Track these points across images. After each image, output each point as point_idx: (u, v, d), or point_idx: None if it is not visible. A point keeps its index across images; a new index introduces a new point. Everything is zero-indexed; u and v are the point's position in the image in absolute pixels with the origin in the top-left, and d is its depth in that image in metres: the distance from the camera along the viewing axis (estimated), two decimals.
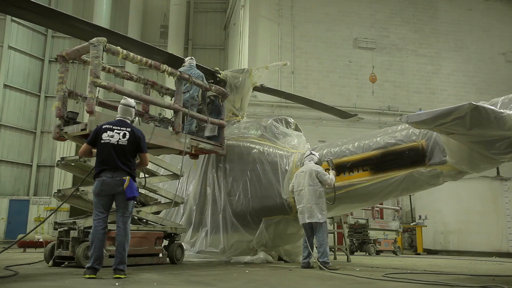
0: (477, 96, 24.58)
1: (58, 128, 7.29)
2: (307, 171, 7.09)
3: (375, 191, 7.16)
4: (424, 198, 20.11)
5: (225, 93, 9.46)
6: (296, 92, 22.47)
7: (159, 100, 8.21)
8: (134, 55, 7.30)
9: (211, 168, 9.50)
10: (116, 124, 5.32)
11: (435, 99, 24.09)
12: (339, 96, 22.96)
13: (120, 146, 5.17)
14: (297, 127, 9.89)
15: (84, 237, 6.39)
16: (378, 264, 9.08)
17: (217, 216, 9.08)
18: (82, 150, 5.34)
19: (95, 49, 6.71)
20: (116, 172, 5.10)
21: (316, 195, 6.93)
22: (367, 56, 23.64)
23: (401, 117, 5.41)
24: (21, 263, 7.22)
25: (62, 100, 7.34)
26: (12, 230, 24.73)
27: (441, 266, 9.19)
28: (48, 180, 27.83)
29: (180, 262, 7.76)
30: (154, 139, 7.63)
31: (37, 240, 11.93)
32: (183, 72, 8.28)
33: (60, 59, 7.41)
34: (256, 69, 10.93)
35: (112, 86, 7.01)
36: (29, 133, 28.17)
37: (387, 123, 23.30)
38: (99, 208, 5.10)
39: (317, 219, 6.85)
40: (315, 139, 22.31)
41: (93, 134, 5.31)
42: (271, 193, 8.52)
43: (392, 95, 23.58)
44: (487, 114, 4.79)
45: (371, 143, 7.19)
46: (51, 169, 27.68)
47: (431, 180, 6.47)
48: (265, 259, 8.54)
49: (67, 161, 7.27)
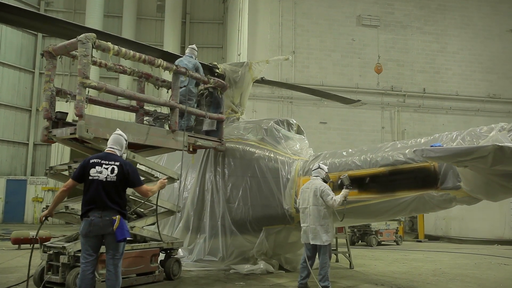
0: (482, 76, 24.03)
1: (46, 130, 6.85)
2: (312, 189, 6.64)
3: (382, 210, 6.79)
4: None
5: (225, 85, 8.98)
6: (297, 72, 21.96)
7: (154, 98, 7.74)
8: (126, 51, 6.79)
9: (209, 171, 9.10)
10: (104, 157, 4.85)
11: (439, 79, 23.51)
12: (341, 76, 22.34)
13: (109, 183, 4.73)
14: (299, 128, 9.44)
15: (74, 262, 6.07)
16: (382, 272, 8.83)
17: (215, 222, 8.75)
18: (66, 185, 4.89)
19: (84, 47, 6.19)
20: (105, 211, 4.68)
21: (320, 215, 6.50)
22: (371, 34, 22.88)
23: (415, 150, 4.97)
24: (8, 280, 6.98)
25: (49, 100, 6.86)
26: (10, 210, 24.63)
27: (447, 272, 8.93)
28: (45, 159, 27.48)
29: (177, 277, 7.46)
30: (150, 140, 7.20)
31: (32, 237, 11.62)
32: (179, 66, 7.76)
33: (46, 55, 6.88)
34: (256, 63, 10.36)
35: (103, 86, 6.54)
36: (24, 111, 27.62)
37: (389, 104, 22.86)
38: (87, 250, 4.71)
39: (321, 241, 6.45)
40: (316, 121, 21.95)
41: (80, 169, 4.85)
42: (272, 203, 8.15)
43: (396, 74, 22.95)
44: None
45: (379, 158, 6.75)
46: (47, 147, 27.28)
47: (442, 204, 6.09)
48: (265, 270, 8.25)
49: (57, 170, 6.87)
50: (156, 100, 7.45)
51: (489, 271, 9.49)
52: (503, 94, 24.12)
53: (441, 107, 23.34)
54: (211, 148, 8.65)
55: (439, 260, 11.08)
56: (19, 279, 7.20)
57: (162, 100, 7.53)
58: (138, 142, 7.02)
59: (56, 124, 6.80)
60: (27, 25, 8.31)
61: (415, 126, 22.99)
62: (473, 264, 10.52)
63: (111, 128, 6.59)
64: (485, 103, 23.79)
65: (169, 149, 7.65)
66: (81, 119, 6.16)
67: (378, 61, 21.59)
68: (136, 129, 7.01)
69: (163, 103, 7.49)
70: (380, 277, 8.12)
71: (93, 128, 6.29)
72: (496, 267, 10.12)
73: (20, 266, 8.65)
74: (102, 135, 6.43)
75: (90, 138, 6.26)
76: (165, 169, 7.67)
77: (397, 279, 7.99)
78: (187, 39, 29.83)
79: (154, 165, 7.56)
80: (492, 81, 24.14)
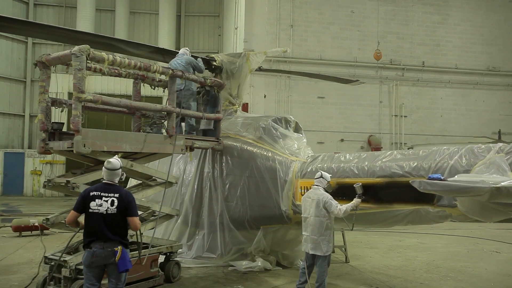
0: (483, 48, 23.75)
1: (43, 142, 6.84)
2: (315, 200, 6.61)
3: (379, 220, 6.87)
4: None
5: (222, 84, 8.89)
6: (295, 46, 21.61)
7: (151, 105, 7.65)
8: (121, 59, 6.67)
9: (207, 168, 9.14)
10: (103, 189, 4.87)
11: (439, 52, 23.26)
12: (339, 49, 22.05)
13: (110, 215, 4.77)
14: (297, 125, 9.38)
15: (76, 275, 6.19)
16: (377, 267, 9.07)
17: (214, 219, 8.86)
18: (69, 219, 4.95)
19: (78, 60, 6.09)
20: (107, 242, 4.76)
21: (322, 227, 6.50)
22: (371, 5, 22.43)
23: (413, 181, 5.00)
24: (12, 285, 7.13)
25: (45, 112, 6.83)
26: (9, 183, 24.83)
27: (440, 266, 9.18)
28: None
29: (177, 279, 7.64)
30: (147, 147, 7.20)
31: (32, 225, 11.81)
32: (175, 70, 7.65)
33: (40, 65, 6.78)
34: (254, 54, 10.21)
35: (98, 99, 6.49)
36: (19, 82, 27.31)
37: (388, 78, 22.69)
38: (91, 280, 4.82)
39: (321, 252, 6.52)
40: (314, 95, 21.84)
41: (80, 201, 4.89)
42: (270, 203, 8.22)
43: (395, 47, 22.67)
44: (509, 192, 4.38)
45: (376, 169, 6.78)
46: None
47: (438, 220, 6.17)
48: (263, 267, 8.45)
49: (55, 183, 6.88)
50: (153, 107, 7.38)
51: (481, 262, 9.74)
52: (503, 66, 23.92)
53: (440, 80, 23.19)
54: (208, 149, 8.65)
55: (432, 247, 11.34)
56: (22, 282, 7.36)
57: (159, 107, 7.46)
58: (135, 151, 7.03)
59: (52, 135, 6.76)
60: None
61: (413, 100, 22.92)
62: (465, 252, 10.78)
63: (108, 140, 6.62)
64: (484, 76, 23.64)
65: (166, 154, 7.65)
66: (77, 134, 6.12)
67: (378, 47, 21.23)
68: (133, 138, 6.98)
69: (160, 109, 7.43)
70: (375, 275, 8.33)
71: (90, 142, 6.27)
72: (488, 257, 10.39)
73: (22, 263, 8.80)
74: (100, 147, 6.44)
75: (88, 152, 6.25)
76: (163, 174, 7.68)
77: (391, 277, 8.20)
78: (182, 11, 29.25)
79: (152, 171, 7.58)
80: (493, 53, 23.89)
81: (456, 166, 5.88)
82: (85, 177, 6.55)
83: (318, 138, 21.05)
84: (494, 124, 23.13)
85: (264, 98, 20.92)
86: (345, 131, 21.97)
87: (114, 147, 6.62)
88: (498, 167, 5.32)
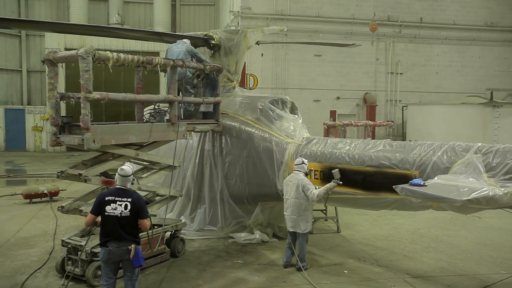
0: (482, 2, 23.52)
1: (55, 136, 7.25)
2: (295, 183, 7.36)
3: (366, 204, 7.46)
4: (417, 118, 20.49)
5: (220, 69, 9.20)
6: (292, 3, 21.41)
7: (154, 96, 8.01)
8: (125, 57, 6.99)
9: (208, 146, 9.63)
10: (117, 194, 5.42)
11: (437, 7, 23.08)
12: (337, 6, 21.87)
13: (124, 218, 5.35)
14: (293, 105, 9.76)
15: (92, 257, 6.85)
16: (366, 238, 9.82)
17: (214, 194, 9.47)
18: (87, 221, 5.55)
19: (85, 62, 6.42)
20: (121, 241, 5.36)
21: (301, 208, 7.32)
22: None
23: (396, 186, 5.52)
24: (32, 261, 7.81)
25: (54, 108, 7.18)
26: (11, 139, 25.33)
27: (424, 236, 9.93)
28: (40, 86, 27.58)
29: (182, 254, 8.35)
30: (153, 136, 7.68)
31: (42, 192, 12.46)
32: (176, 60, 7.97)
33: (47, 63, 7.08)
34: (251, 31, 10.41)
35: (105, 96, 6.85)
36: (14, 36, 27.09)
37: (385, 35, 22.66)
38: (108, 274, 5.48)
39: (300, 230, 7.39)
40: (311, 53, 21.92)
41: (96, 205, 5.46)
42: (267, 182, 8.79)
43: (393, 3, 22.48)
44: (480, 203, 4.93)
45: (366, 158, 7.29)
46: (41, 74, 27.28)
47: (420, 209, 6.75)
48: (260, 239, 9.18)
49: (68, 174, 7.35)
50: (156, 98, 7.76)
51: (462, 230, 10.50)
52: (501, 22, 23.83)
53: (437, 37, 23.19)
54: (209, 131, 9.10)
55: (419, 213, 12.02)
56: (40, 257, 8.05)
57: (161, 97, 7.84)
58: (141, 141, 7.50)
59: (63, 128, 7.17)
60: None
61: (410, 57, 23.04)
62: (450, 218, 11.49)
63: (115, 133, 7.06)
64: (481, 32, 23.62)
65: (170, 140, 8.11)
66: (87, 132, 6.55)
67: (373, 19, 21.01)
68: (139, 129, 7.42)
69: (163, 100, 7.81)
70: (363, 247, 9.06)
71: (99, 137, 6.70)
72: (470, 223, 11.14)
73: (37, 235, 9.47)
74: (108, 142, 6.88)
75: (97, 148, 6.72)
76: (167, 159, 8.18)
77: (378, 249, 8.93)
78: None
79: (156, 158, 8.08)
80: (492, 7, 23.71)
81: (438, 162, 6.40)
82: (96, 169, 7.06)
83: (314, 96, 21.37)
84: (489, 80, 23.45)
85: (261, 57, 21.01)
86: (341, 89, 22.26)
87: (121, 139, 7.07)
88: (474, 168, 5.85)
